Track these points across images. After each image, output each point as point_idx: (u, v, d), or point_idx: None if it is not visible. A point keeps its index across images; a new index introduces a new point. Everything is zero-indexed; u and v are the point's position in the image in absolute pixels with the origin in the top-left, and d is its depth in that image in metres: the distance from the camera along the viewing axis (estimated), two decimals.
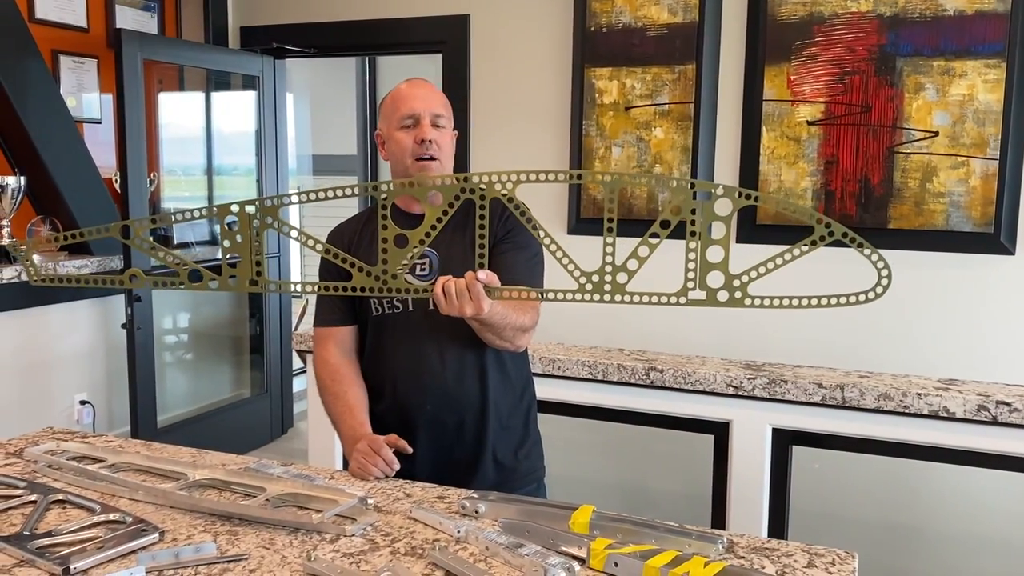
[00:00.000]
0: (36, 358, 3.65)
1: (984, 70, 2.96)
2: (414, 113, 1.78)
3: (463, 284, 1.48)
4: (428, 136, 1.76)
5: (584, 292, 1.37)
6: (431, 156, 1.77)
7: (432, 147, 1.77)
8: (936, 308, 3.11)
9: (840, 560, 1.27)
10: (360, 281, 1.47)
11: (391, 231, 1.44)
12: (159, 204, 4.38)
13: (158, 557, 1.25)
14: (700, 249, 1.32)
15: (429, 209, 1.43)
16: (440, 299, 1.50)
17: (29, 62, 3.62)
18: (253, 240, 1.45)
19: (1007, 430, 2.18)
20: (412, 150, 1.77)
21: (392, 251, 1.44)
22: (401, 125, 1.79)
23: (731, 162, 3.35)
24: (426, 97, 1.80)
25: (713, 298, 1.34)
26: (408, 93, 1.82)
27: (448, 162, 1.82)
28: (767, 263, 1.31)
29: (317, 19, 4.14)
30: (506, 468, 1.85)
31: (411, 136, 1.77)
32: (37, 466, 1.64)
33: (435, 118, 1.79)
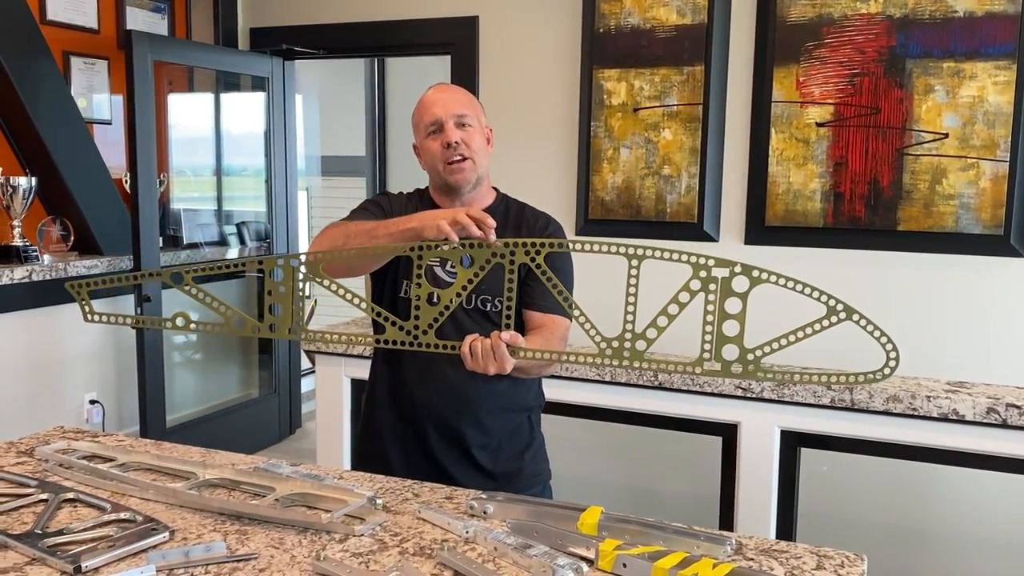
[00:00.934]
0: (46, 357, 3.67)
1: (994, 72, 2.95)
2: (436, 119, 1.79)
3: (488, 345, 1.51)
4: (452, 139, 1.77)
5: (604, 356, 1.43)
6: (461, 157, 1.78)
7: (460, 148, 1.77)
8: (945, 310, 3.10)
9: (849, 562, 1.27)
10: (392, 335, 1.52)
11: (424, 289, 1.49)
12: (169, 204, 4.40)
13: (168, 556, 1.26)
14: (716, 324, 1.37)
15: (461, 271, 1.49)
16: (466, 357, 1.54)
17: (40, 63, 3.64)
18: (296, 292, 1.51)
19: (1017, 433, 2.17)
20: (441, 155, 1.78)
21: (424, 308, 1.49)
22: (428, 133, 1.80)
23: (740, 164, 3.34)
24: (446, 101, 1.81)
25: (728, 370, 1.38)
26: (430, 100, 1.83)
27: (482, 159, 1.82)
28: (780, 339, 1.36)
29: (326, 20, 4.15)
30: (512, 470, 1.86)
31: (438, 142, 1.79)
32: (48, 465, 1.65)
33: (458, 119, 1.79)
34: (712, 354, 1.38)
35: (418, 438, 1.85)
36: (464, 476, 1.82)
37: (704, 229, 3.37)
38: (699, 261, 1.36)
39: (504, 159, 3.80)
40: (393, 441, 1.88)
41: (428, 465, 1.84)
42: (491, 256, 1.45)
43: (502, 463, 1.85)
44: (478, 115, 1.85)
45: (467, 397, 1.80)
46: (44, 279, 3.52)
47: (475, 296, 1.77)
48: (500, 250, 1.45)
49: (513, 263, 1.45)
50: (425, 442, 1.84)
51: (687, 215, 3.39)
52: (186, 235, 4.39)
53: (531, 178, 3.68)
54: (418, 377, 1.81)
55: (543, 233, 1.83)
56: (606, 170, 3.50)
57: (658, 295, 1.44)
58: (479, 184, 1.84)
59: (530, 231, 1.83)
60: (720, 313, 1.36)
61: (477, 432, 1.82)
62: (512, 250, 1.44)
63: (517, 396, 1.87)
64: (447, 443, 1.83)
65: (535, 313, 1.80)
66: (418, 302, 1.49)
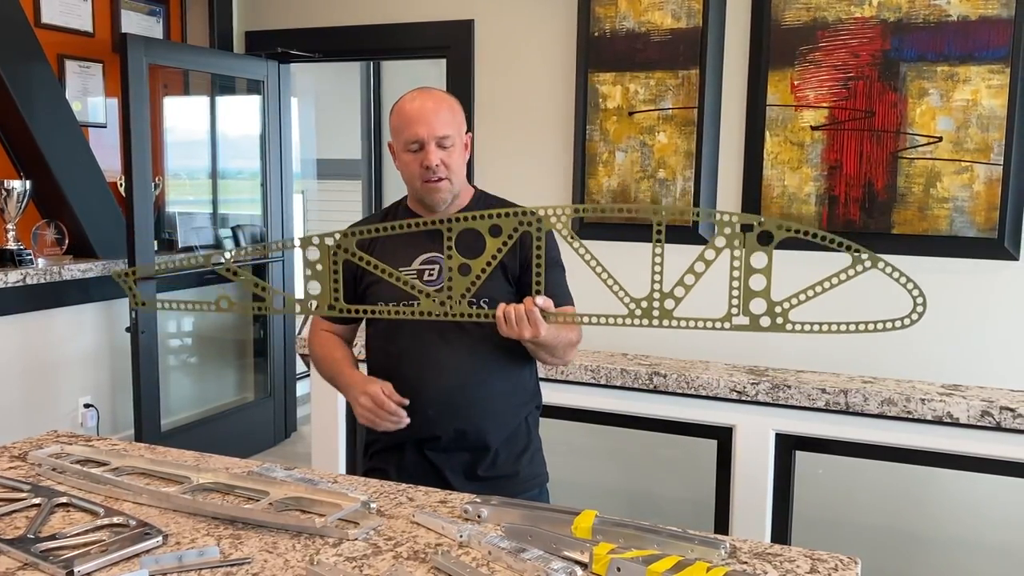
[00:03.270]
0: (40, 361, 3.66)
1: (988, 75, 2.96)
2: (418, 138, 1.77)
3: (522, 310, 1.56)
4: (432, 163, 1.76)
5: (634, 317, 1.47)
6: (439, 178, 1.78)
7: (439, 170, 1.77)
8: (940, 313, 3.10)
9: (843, 565, 1.27)
10: (427, 306, 1.57)
11: (455, 260, 1.53)
12: (164, 208, 4.40)
13: (161, 560, 1.26)
14: (743, 278, 1.39)
15: (490, 241, 1.53)
16: (501, 323, 1.59)
17: (35, 66, 3.63)
18: (331, 270, 1.56)
19: (1011, 435, 2.18)
20: (420, 174, 1.79)
21: (456, 278, 1.54)
22: (407, 148, 1.79)
23: (734, 167, 3.35)
24: (430, 119, 1.77)
25: (756, 324, 1.41)
26: (413, 114, 1.78)
27: (458, 176, 1.83)
28: (807, 291, 1.38)
29: (322, 24, 4.15)
30: (508, 473, 1.86)
31: (417, 160, 1.78)
32: (41, 469, 1.64)
33: (440, 140, 1.77)
34: (740, 309, 1.40)
35: (415, 443, 1.84)
36: (461, 480, 1.82)
37: (699, 233, 3.38)
38: (723, 218, 1.37)
39: (499, 162, 3.81)
40: (390, 447, 1.88)
41: (425, 469, 1.84)
42: (518, 225, 1.50)
43: (499, 466, 1.85)
44: (459, 129, 1.83)
45: (465, 401, 1.80)
46: (39, 282, 3.51)
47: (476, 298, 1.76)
48: (526, 218, 1.51)
49: (540, 229, 1.50)
50: (422, 446, 1.84)
51: (682, 219, 3.39)
52: (181, 238, 4.39)
53: (526, 181, 3.68)
54: (415, 382, 1.81)
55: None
56: (601, 173, 3.51)
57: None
58: (455, 197, 1.85)
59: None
60: (746, 268, 1.38)
61: (475, 435, 1.82)
62: (539, 216, 1.50)
63: (515, 399, 1.87)
64: (444, 447, 1.83)
65: None
66: (451, 273, 1.53)
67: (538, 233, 1.50)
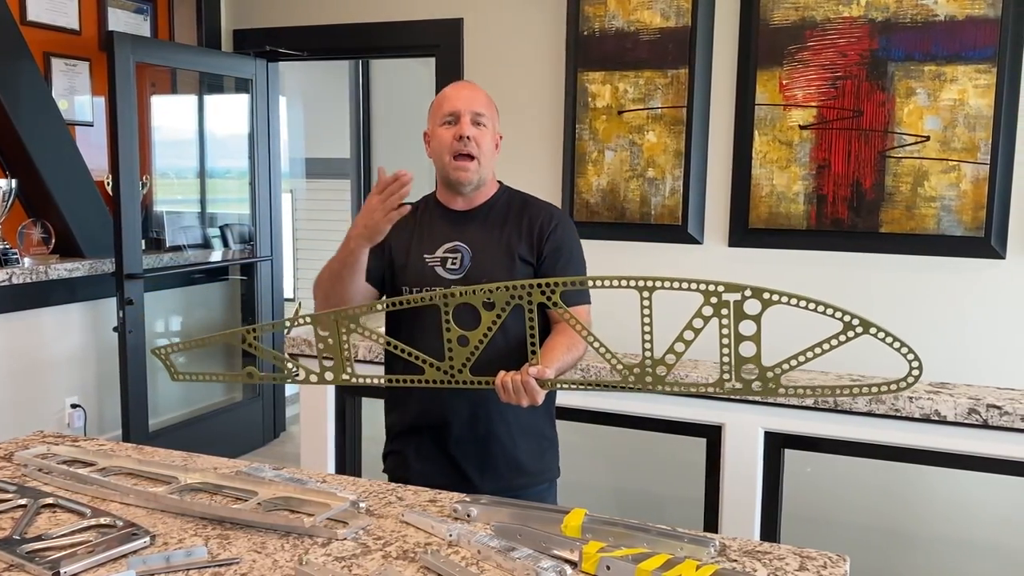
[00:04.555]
0: (27, 361, 3.63)
1: (975, 75, 2.97)
2: (455, 110, 1.82)
3: (519, 380, 1.58)
4: (466, 133, 1.80)
5: (627, 383, 1.49)
6: (468, 154, 1.81)
7: (470, 144, 1.81)
8: (927, 311, 3.12)
9: (832, 563, 1.27)
10: (431, 375, 1.61)
11: (454, 332, 1.56)
12: (152, 207, 4.38)
13: (149, 561, 1.25)
14: (732, 346, 1.40)
15: (485, 314, 1.54)
16: (499, 391, 1.61)
17: (20, 64, 3.61)
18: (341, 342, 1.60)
19: (998, 433, 2.19)
20: (450, 146, 1.82)
21: (456, 349, 1.57)
22: (443, 122, 1.84)
23: (723, 166, 3.35)
24: (469, 97, 1.85)
25: (749, 389, 1.43)
26: (452, 93, 1.87)
27: (488, 162, 1.86)
28: (798, 356, 1.39)
29: (310, 22, 4.14)
30: (523, 466, 1.89)
31: (451, 132, 1.82)
32: (27, 470, 1.63)
33: (476, 116, 1.82)
34: (732, 375, 1.42)
35: (432, 428, 1.86)
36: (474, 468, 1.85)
37: (688, 231, 3.38)
38: (709, 288, 1.38)
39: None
40: (408, 430, 1.90)
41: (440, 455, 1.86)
42: (510, 299, 1.52)
43: (514, 457, 1.87)
44: (494, 119, 1.89)
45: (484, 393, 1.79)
46: (25, 282, 3.49)
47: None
48: (517, 292, 1.52)
49: (531, 303, 1.51)
50: (439, 432, 1.86)
51: (671, 217, 3.40)
52: (169, 237, 4.37)
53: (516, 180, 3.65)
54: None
55: (549, 227, 1.87)
56: (591, 172, 3.51)
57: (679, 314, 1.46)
58: (481, 185, 1.88)
59: (531, 225, 1.87)
60: (735, 336, 1.39)
61: (499, 424, 1.83)
62: (529, 291, 1.51)
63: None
64: (460, 434, 1.85)
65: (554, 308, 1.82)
66: (450, 344, 1.57)
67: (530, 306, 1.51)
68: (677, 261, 3.42)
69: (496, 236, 1.86)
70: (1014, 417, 2.16)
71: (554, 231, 1.87)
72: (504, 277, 1.79)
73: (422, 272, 1.85)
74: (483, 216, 1.90)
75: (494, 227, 1.87)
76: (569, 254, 1.88)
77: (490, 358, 1.66)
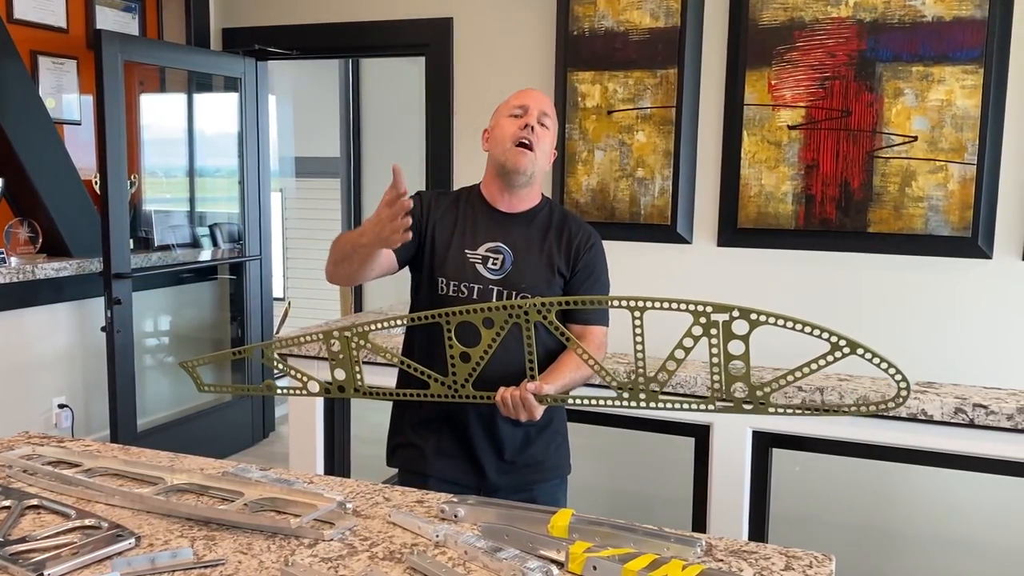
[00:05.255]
0: (14, 361, 3.61)
1: (962, 76, 2.99)
2: (525, 104, 1.90)
3: (518, 396, 1.65)
4: (532, 122, 1.87)
5: (622, 399, 1.54)
6: (530, 144, 1.86)
7: (533, 138, 1.86)
8: (914, 311, 3.14)
9: (817, 563, 1.28)
10: (436, 390, 1.68)
11: (456, 349, 1.62)
12: (140, 206, 4.36)
13: (134, 563, 1.24)
14: (723, 364, 1.43)
15: (485, 332, 1.60)
16: (499, 406, 1.68)
17: (7, 63, 3.59)
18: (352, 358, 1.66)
19: (984, 432, 2.20)
20: (514, 134, 1.87)
21: (459, 365, 1.63)
22: (511, 113, 1.90)
23: (712, 166, 3.36)
24: (540, 98, 1.93)
25: (740, 407, 1.47)
26: (524, 93, 1.95)
27: (543, 162, 1.91)
28: (787, 375, 1.42)
29: (300, 21, 4.13)
30: (540, 462, 1.94)
31: (517, 123, 1.88)
32: (11, 471, 1.62)
33: (542, 115, 1.89)
34: (722, 392, 1.45)
35: (458, 430, 1.90)
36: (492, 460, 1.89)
37: (677, 231, 3.39)
38: (698, 309, 1.40)
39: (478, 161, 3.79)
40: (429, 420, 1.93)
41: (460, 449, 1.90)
42: (508, 317, 1.57)
43: (530, 452, 1.92)
44: (554, 129, 1.95)
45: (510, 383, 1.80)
46: (12, 281, 3.47)
47: (516, 294, 1.86)
48: (515, 311, 1.57)
49: (529, 322, 1.56)
50: (466, 434, 1.89)
51: (661, 217, 3.40)
52: (157, 237, 4.35)
53: None
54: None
55: (586, 246, 1.93)
56: (581, 172, 3.51)
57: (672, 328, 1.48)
58: (532, 181, 1.92)
59: (571, 240, 1.93)
60: (725, 355, 1.42)
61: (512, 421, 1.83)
62: (526, 310, 1.55)
63: None
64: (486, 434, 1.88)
65: (573, 325, 1.88)
66: (453, 360, 1.63)
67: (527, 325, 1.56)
68: (666, 261, 3.43)
69: (538, 246, 1.91)
70: (1000, 416, 2.18)
71: (589, 251, 1.93)
72: (543, 287, 1.88)
73: (462, 267, 1.88)
74: (527, 222, 1.94)
75: (537, 236, 1.92)
76: (597, 276, 1.94)
77: (501, 372, 1.72)
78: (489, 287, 1.86)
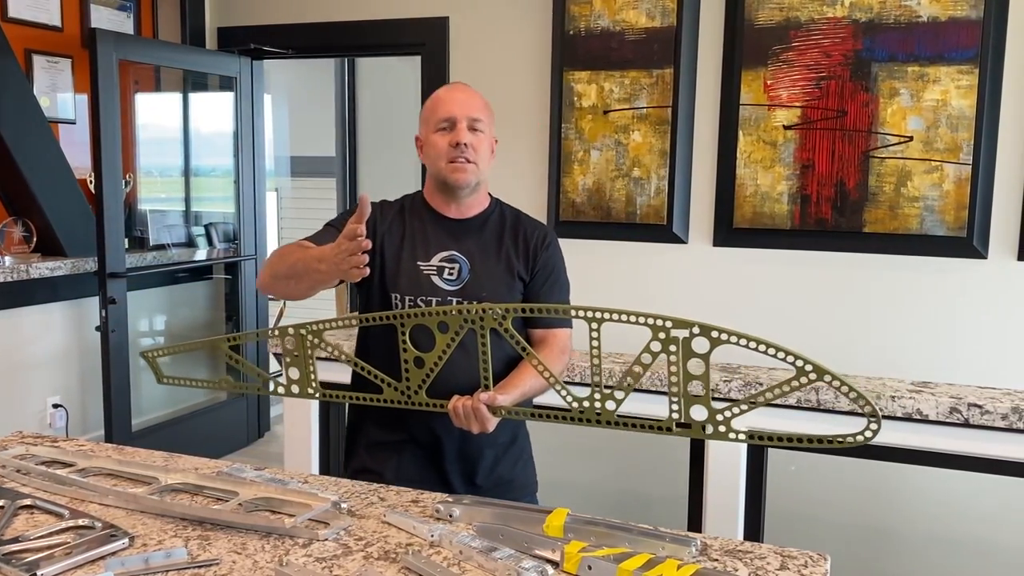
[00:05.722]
0: (8, 360, 3.60)
1: (957, 76, 2.99)
2: (450, 116, 1.77)
3: (470, 407, 1.58)
4: (462, 140, 1.76)
5: (577, 415, 1.47)
6: (465, 160, 1.76)
7: (467, 151, 1.76)
8: (909, 311, 3.14)
9: (812, 562, 1.28)
10: (389, 395, 1.61)
11: (410, 353, 1.56)
12: (135, 205, 4.35)
13: (127, 563, 1.24)
14: (681, 384, 1.36)
15: (440, 337, 1.53)
16: (452, 416, 1.60)
17: (1, 61, 3.57)
18: (307, 356, 1.62)
19: (979, 432, 2.21)
20: (447, 152, 1.77)
21: (412, 371, 1.57)
22: (438, 128, 1.79)
23: (708, 166, 3.36)
24: (464, 101, 1.80)
25: (699, 431, 1.39)
26: (447, 97, 1.82)
27: (484, 166, 1.82)
28: (750, 400, 1.35)
29: (295, 20, 4.12)
30: (506, 480, 1.85)
31: (446, 139, 1.77)
32: (5, 471, 1.62)
33: (472, 122, 1.78)
34: (681, 414, 1.39)
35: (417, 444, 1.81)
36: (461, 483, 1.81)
37: (673, 231, 3.39)
38: (656, 323, 1.33)
39: None
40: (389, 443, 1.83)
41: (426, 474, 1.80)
42: (463, 323, 1.51)
43: (497, 473, 1.84)
44: (490, 123, 1.84)
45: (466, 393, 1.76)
46: (6, 281, 3.46)
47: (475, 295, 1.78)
48: (471, 316, 1.50)
49: (484, 328, 1.49)
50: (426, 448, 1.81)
51: (656, 217, 3.40)
52: (153, 236, 4.34)
53: (502, 180, 3.66)
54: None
55: (543, 245, 1.85)
56: (577, 172, 3.51)
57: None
58: (476, 190, 1.84)
59: (527, 242, 1.85)
60: (684, 374, 1.35)
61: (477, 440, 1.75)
62: (481, 315, 1.49)
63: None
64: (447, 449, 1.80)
65: (535, 330, 1.82)
66: (407, 365, 1.57)
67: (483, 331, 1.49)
68: (662, 261, 3.43)
69: (495, 251, 1.83)
70: (995, 416, 2.18)
71: (546, 250, 1.85)
72: (504, 293, 1.80)
73: (416, 280, 1.79)
74: (479, 228, 1.85)
75: (492, 241, 1.84)
76: (556, 276, 1.87)
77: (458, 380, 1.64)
78: (448, 299, 1.78)
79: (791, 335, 3.21)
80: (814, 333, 3.18)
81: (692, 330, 1.32)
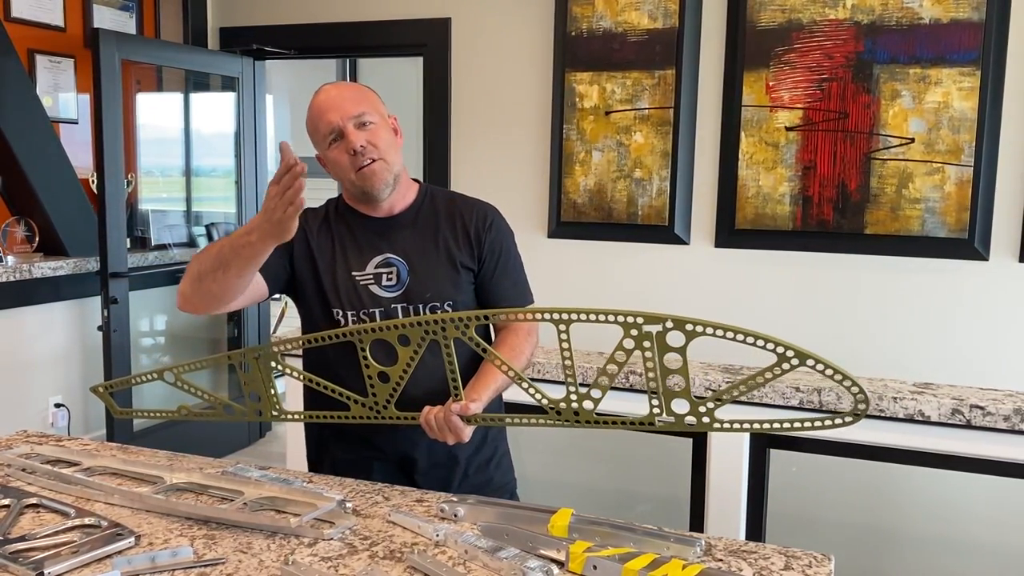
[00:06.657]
0: (10, 360, 3.60)
1: (959, 78, 3.00)
2: (333, 126, 1.65)
3: (442, 418, 1.51)
4: (357, 145, 1.63)
5: (556, 418, 1.44)
6: (370, 160, 1.65)
7: (368, 150, 1.64)
8: (911, 312, 3.14)
9: (816, 562, 1.28)
10: (357, 411, 1.57)
11: (373, 369, 1.52)
12: (137, 205, 4.35)
13: (134, 562, 1.24)
14: (660, 379, 1.34)
15: (402, 350, 1.49)
16: (426, 428, 1.54)
17: (4, 61, 3.58)
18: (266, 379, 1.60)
19: (981, 433, 2.21)
20: (349, 163, 1.65)
21: (378, 386, 1.53)
22: (329, 143, 1.67)
23: (710, 167, 3.37)
24: (339, 103, 1.67)
25: (682, 423, 1.37)
26: (321, 106, 1.69)
27: (393, 155, 1.68)
28: (731, 390, 1.34)
29: (297, 21, 4.12)
30: (481, 483, 1.79)
31: (342, 150, 1.65)
32: (10, 470, 1.62)
33: (357, 120, 1.65)
34: (662, 409, 1.36)
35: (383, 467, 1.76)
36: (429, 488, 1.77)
37: (675, 232, 3.39)
38: (628, 320, 1.29)
39: (476, 161, 3.81)
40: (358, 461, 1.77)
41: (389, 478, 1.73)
42: (424, 334, 1.46)
43: (471, 478, 1.79)
44: (377, 108, 1.69)
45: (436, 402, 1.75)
46: (8, 280, 3.46)
47: (422, 306, 1.69)
48: (431, 327, 1.45)
49: (447, 338, 1.45)
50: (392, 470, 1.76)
51: (658, 218, 3.41)
52: (154, 236, 4.34)
53: (503, 180, 3.68)
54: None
55: (485, 227, 1.73)
56: (578, 172, 3.51)
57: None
58: (396, 183, 1.70)
59: (466, 226, 1.73)
60: (661, 369, 1.32)
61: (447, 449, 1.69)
62: (443, 325, 1.44)
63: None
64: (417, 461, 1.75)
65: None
66: (371, 381, 1.53)
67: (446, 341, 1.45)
68: (663, 262, 3.43)
69: (432, 244, 1.71)
70: (997, 417, 2.18)
71: (490, 231, 1.73)
72: (449, 289, 1.69)
73: (355, 292, 1.68)
74: (410, 222, 1.73)
75: (427, 234, 1.71)
76: (507, 257, 1.75)
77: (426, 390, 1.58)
78: (392, 306, 1.67)
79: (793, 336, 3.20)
80: (816, 334, 3.18)
81: (665, 324, 1.29)
